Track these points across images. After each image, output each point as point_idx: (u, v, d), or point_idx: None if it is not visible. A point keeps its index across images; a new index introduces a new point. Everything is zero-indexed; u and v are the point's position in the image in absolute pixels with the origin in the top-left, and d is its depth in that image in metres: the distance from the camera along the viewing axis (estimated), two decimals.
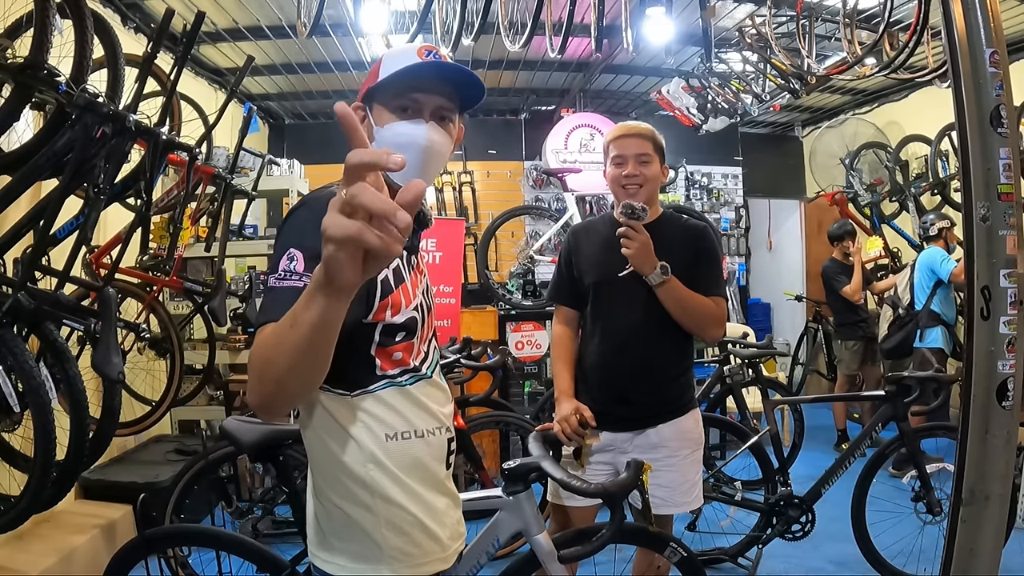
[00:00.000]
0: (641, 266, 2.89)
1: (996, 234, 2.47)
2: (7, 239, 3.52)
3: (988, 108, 2.45)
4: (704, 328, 3.06)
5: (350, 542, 1.81)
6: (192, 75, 6.99)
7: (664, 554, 2.77)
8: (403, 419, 1.82)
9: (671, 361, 3.10)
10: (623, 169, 3.04)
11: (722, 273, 3.16)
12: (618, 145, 3.08)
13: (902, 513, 4.36)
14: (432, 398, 1.91)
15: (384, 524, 1.79)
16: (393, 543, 1.79)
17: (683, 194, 10.20)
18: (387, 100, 1.81)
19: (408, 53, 1.81)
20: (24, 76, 3.16)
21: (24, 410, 3.22)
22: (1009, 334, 2.49)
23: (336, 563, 1.82)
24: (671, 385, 3.10)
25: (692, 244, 3.08)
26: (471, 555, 2.58)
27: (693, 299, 2.95)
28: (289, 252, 1.62)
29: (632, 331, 3.03)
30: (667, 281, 2.89)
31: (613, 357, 3.06)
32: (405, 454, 1.81)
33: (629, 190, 3.03)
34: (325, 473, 1.81)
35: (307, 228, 1.59)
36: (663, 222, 3.12)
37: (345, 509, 1.79)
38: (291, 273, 1.59)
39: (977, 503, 2.58)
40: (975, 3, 2.46)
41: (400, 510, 1.80)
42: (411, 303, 1.85)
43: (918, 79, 5.54)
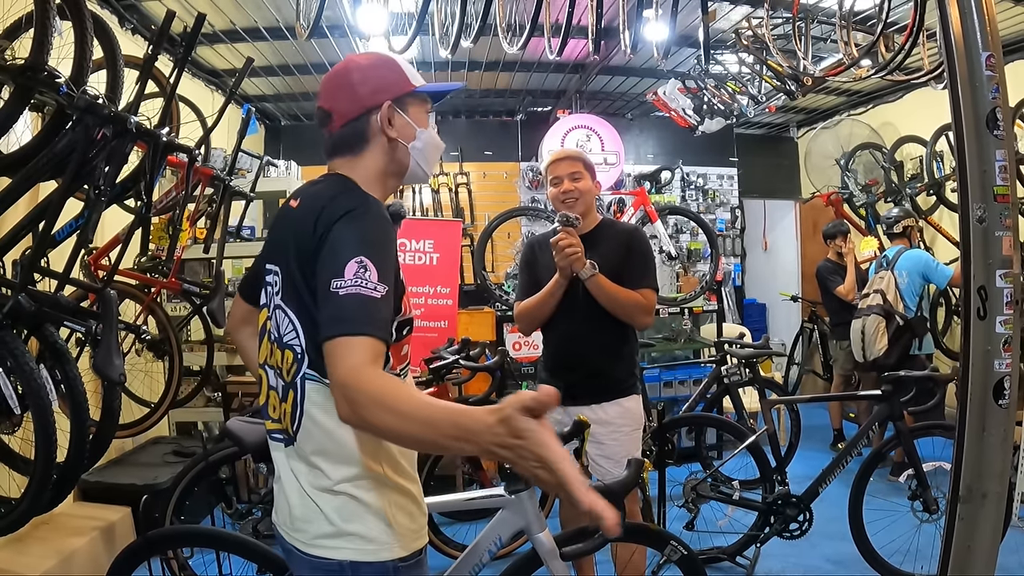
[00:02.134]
0: (576, 264, 3.37)
1: (992, 235, 2.50)
2: (7, 241, 3.52)
3: (984, 111, 2.47)
4: (633, 316, 3.56)
5: (362, 525, 1.89)
6: (189, 76, 6.99)
7: (664, 552, 2.79)
8: None
9: (612, 347, 3.62)
10: (560, 187, 3.62)
11: (652, 268, 3.65)
12: (553, 169, 3.66)
13: (899, 512, 4.38)
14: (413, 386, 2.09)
15: (393, 504, 1.91)
16: (400, 520, 1.92)
17: (679, 195, 10.21)
18: (422, 107, 2.07)
19: (414, 70, 2.08)
20: (24, 78, 3.15)
21: (24, 412, 3.21)
22: (1005, 333, 2.52)
23: (348, 548, 1.89)
24: (611, 368, 3.62)
25: (624, 244, 3.61)
26: (473, 553, 2.60)
27: (619, 291, 3.45)
28: (361, 260, 1.74)
29: (579, 323, 3.56)
30: (595, 276, 3.39)
31: (566, 344, 3.66)
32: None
33: (568, 203, 3.59)
34: (336, 462, 1.89)
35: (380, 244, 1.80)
36: (600, 228, 3.69)
37: (357, 494, 1.89)
38: (367, 281, 1.72)
39: (974, 501, 2.60)
40: (971, 7, 2.48)
41: (402, 490, 1.95)
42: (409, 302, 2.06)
43: (914, 81, 5.54)
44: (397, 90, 2.01)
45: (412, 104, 2.04)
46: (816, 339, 9.17)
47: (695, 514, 4.59)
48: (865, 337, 6.41)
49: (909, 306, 6.23)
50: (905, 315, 6.21)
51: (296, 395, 1.92)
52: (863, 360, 6.52)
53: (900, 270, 6.33)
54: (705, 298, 7.50)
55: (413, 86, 2.03)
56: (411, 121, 2.02)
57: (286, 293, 1.93)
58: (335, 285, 1.72)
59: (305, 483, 1.93)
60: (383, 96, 1.99)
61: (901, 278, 6.30)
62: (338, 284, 1.72)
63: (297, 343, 1.90)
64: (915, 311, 6.23)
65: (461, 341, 5.21)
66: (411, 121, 2.02)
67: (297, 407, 1.92)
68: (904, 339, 6.21)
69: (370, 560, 1.89)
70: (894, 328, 6.25)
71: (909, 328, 6.21)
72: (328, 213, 1.84)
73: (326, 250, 1.80)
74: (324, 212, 1.84)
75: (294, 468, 1.96)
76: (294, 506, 1.95)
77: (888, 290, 6.32)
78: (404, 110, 2.02)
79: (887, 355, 6.24)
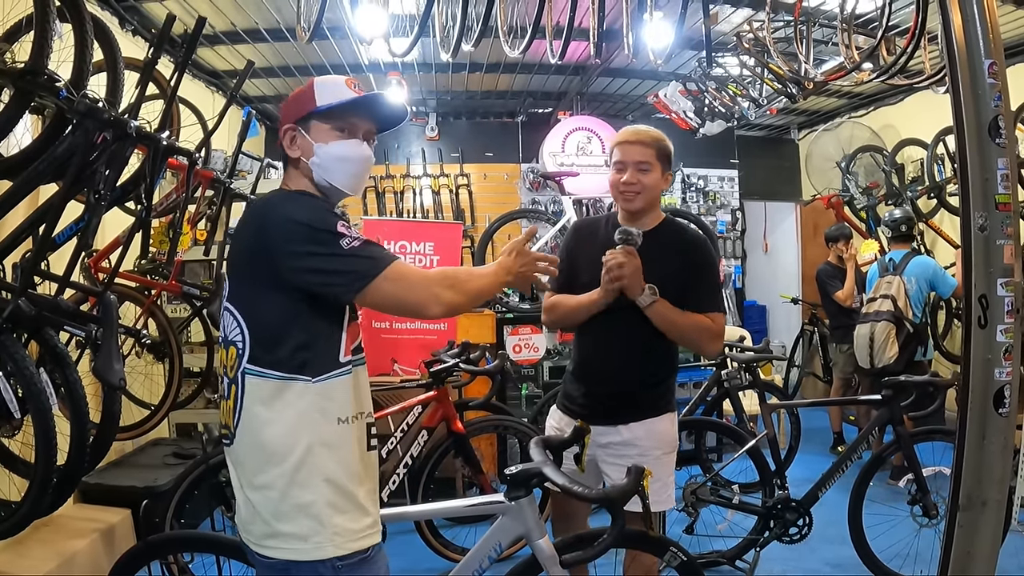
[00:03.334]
0: (630, 290, 2.96)
1: (994, 243, 2.50)
2: (7, 244, 3.52)
3: (987, 119, 2.47)
4: (700, 344, 3.22)
5: (293, 524, 1.98)
6: (189, 77, 6.98)
7: (664, 558, 2.79)
8: (354, 400, 2.10)
9: (653, 367, 3.19)
10: (622, 175, 3.11)
11: (719, 286, 3.27)
12: (621, 151, 3.15)
13: (898, 516, 4.38)
14: (366, 382, 2.22)
15: (327, 503, 1.98)
16: (336, 520, 1.99)
17: (679, 197, 10.20)
18: (325, 122, 2.16)
19: (340, 85, 2.19)
20: (24, 81, 3.15)
21: (24, 416, 3.22)
22: (1006, 342, 2.52)
23: (284, 548, 1.99)
24: (650, 389, 3.18)
25: (689, 255, 3.14)
26: (473, 559, 2.60)
27: (683, 318, 3.02)
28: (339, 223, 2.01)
29: (619, 333, 3.12)
30: (655, 303, 2.96)
31: (599, 354, 3.19)
32: (349, 436, 2.07)
33: (626, 196, 3.12)
34: (267, 461, 2.00)
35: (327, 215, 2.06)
36: (662, 229, 3.18)
37: (289, 493, 1.98)
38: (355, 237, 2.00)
39: (974, 508, 2.60)
40: (974, 14, 2.48)
41: (341, 490, 2.01)
42: None
43: (915, 85, 5.54)
44: (298, 113, 2.18)
45: (316, 123, 2.16)
46: (816, 341, 9.17)
47: (695, 518, 4.59)
48: (874, 344, 6.29)
49: (916, 313, 6.20)
50: (914, 322, 6.18)
51: (238, 390, 2.02)
52: (870, 367, 6.39)
53: (909, 276, 6.28)
54: None
55: (314, 106, 2.15)
56: (311, 139, 2.14)
57: (232, 294, 2.09)
58: (345, 244, 1.98)
59: (244, 482, 2.04)
60: (287, 120, 2.20)
61: (910, 284, 6.25)
62: (346, 243, 1.98)
63: (240, 339, 2.02)
64: (921, 318, 6.22)
65: (461, 344, 5.21)
66: (311, 139, 2.14)
67: (238, 402, 2.02)
68: (912, 346, 6.17)
69: (303, 559, 1.97)
70: (904, 335, 6.18)
71: (916, 335, 6.17)
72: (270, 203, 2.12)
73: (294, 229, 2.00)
74: (266, 204, 2.10)
75: (235, 467, 2.07)
76: (240, 505, 2.07)
77: (899, 296, 6.25)
78: (307, 130, 2.16)
79: (897, 362, 6.15)
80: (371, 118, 2.23)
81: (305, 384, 2.00)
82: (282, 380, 2.00)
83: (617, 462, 3.04)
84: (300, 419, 1.99)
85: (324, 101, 2.14)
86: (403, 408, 4.77)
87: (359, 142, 2.19)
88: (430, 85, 8.78)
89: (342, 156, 2.15)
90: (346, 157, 2.16)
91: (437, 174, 9.69)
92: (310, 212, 2.03)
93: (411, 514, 4.12)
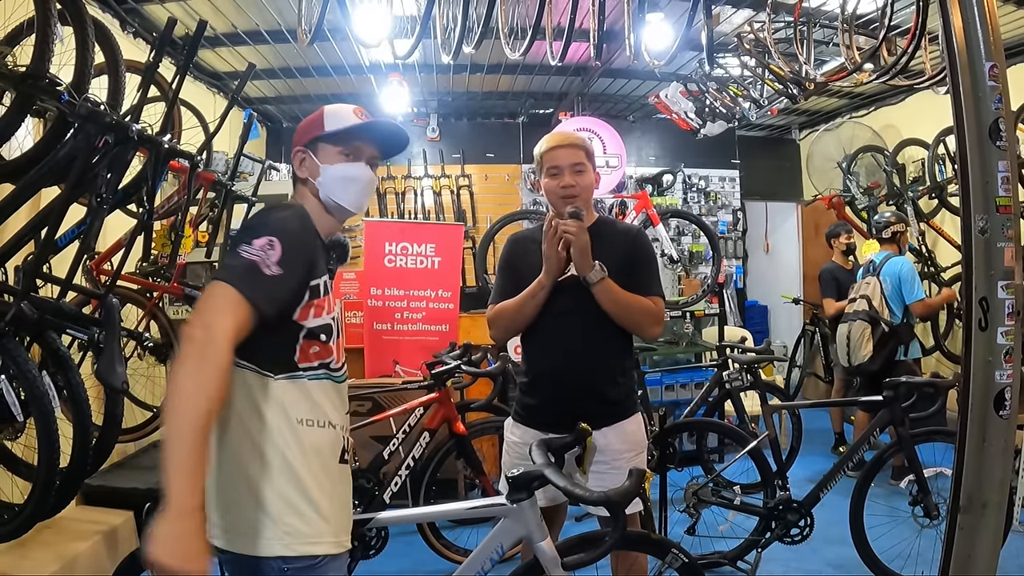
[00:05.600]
0: (581, 268, 2.99)
1: (994, 246, 2.50)
2: (9, 247, 3.53)
3: (987, 122, 2.48)
4: (642, 326, 3.15)
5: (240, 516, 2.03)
6: (190, 79, 6.99)
7: (665, 560, 2.79)
8: (316, 407, 2.13)
9: (613, 362, 3.18)
10: (560, 180, 3.15)
11: (658, 273, 3.27)
12: (551, 157, 3.20)
13: (900, 517, 4.39)
14: (340, 398, 2.25)
15: (280, 501, 2.02)
16: (287, 520, 2.02)
17: (681, 197, 10.22)
18: (333, 145, 2.28)
19: (347, 113, 2.31)
20: (26, 85, 3.16)
21: (27, 418, 3.23)
22: (1007, 344, 2.52)
23: (236, 541, 2.03)
24: (613, 387, 3.17)
25: (627, 246, 3.19)
26: (475, 561, 2.60)
27: (629, 298, 3.05)
28: (272, 240, 2.00)
29: (574, 334, 3.11)
30: (604, 279, 2.99)
31: (557, 360, 3.15)
32: (311, 439, 2.09)
33: (568, 200, 3.12)
34: (223, 452, 2.05)
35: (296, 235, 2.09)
36: (600, 227, 3.21)
37: (240, 486, 2.03)
38: (267, 256, 1.97)
39: (975, 510, 2.61)
40: (974, 16, 2.49)
41: (299, 489, 2.04)
42: (331, 312, 2.20)
43: (916, 85, 5.54)
44: (307, 137, 2.31)
45: (324, 146, 2.29)
46: (818, 342, 9.16)
47: (696, 519, 4.59)
48: (851, 343, 6.45)
49: (895, 312, 6.24)
50: (891, 321, 6.23)
51: None
52: (848, 365, 6.57)
53: (885, 276, 6.37)
54: (707, 301, 7.49)
55: (322, 131, 2.28)
56: (318, 161, 2.27)
57: None
58: (242, 248, 1.98)
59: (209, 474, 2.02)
60: (298, 143, 2.33)
61: (886, 284, 6.34)
62: (244, 248, 1.98)
63: None
64: (901, 317, 6.24)
65: (463, 346, 5.22)
66: (318, 161, 2.27)
67: None
68: (889, 345, 6.25)
69: (251, 554, 2.01)
70: (879, 334, 6.29)
71: (895, 334, 6.23)
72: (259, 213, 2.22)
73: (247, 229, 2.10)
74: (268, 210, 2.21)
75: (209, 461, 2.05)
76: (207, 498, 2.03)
77: (874, 296, 6.38)
78: (315, 153, 2.29)
79: (871, 361, 6.30)
80: (375, 144, 2.35)
81: (261, 379, 2.06)
82: (248, 371, 2.06)
83: (592, 469, 2.97)
84: (257, 409, 2.05)
85: (331, 127, 2.28)
86: (405, 410, 4.77)
87: (363, 165, 2.30)
88: (431, 86, 8.80)
89: (346, 176, 2.28)
90: (350, 177, 2.28)
91: (438, 175, 9.72)
92: (276, 222, 2.10)
93: (413, 516, 4.13)
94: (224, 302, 1.90)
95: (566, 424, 2.79)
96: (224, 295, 1.90)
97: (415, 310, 6.58)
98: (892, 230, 6.57)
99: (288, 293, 2.03)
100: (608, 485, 2.77)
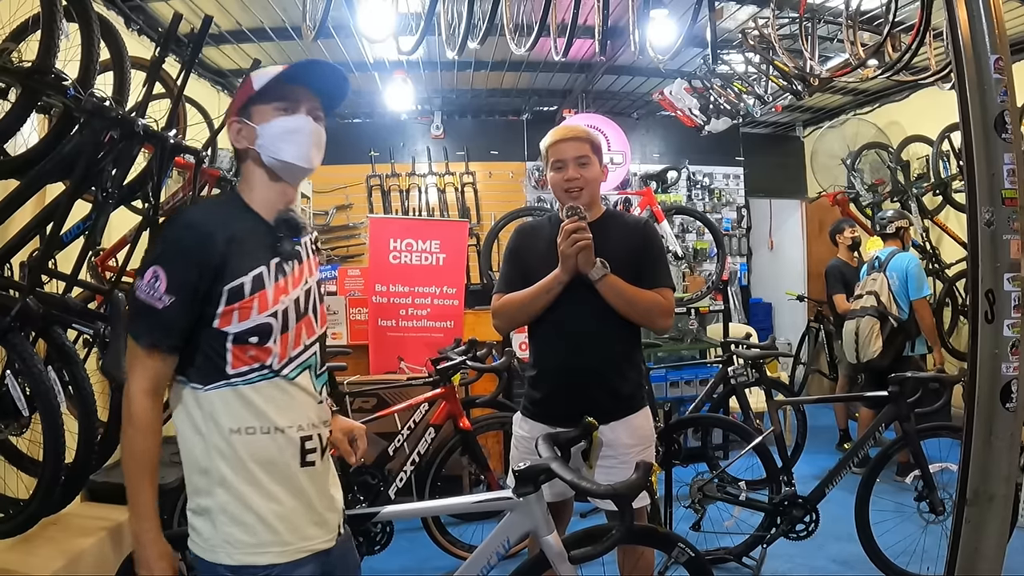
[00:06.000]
0: (583, 265, 2.98)
1: (1000, 238, 2.49)
2: (14, 243, 3.53)
3: (993, 114, 2.47)
4: (651, 319, 3.13)
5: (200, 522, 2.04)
6: (194, 77, 6.98)
7: (672, 554, 2.79)
8: (258, 414, 2.02)
9: (620, 356, 3.16)
10: (564, 173, 3.14)
11: (667, 264, 3.25)
12: (556, 150, 3.17)
13: (905, 513, 4.38)
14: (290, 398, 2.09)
15: (222, 511, 2.00)
16: (227, 530, 1.99)
17: (685, 194, 10.21)
18: (266, 103, 2.11)
19: (275, 69, 2.12)
20: (32, 80, 3.17)
21: (33, 414, 3.24)
22: (1013, 337, 2.52)
23: (194, 541, 2.05)
24: (623, 381, 3.16)
25: (634, 238, 3.17)
26: (481, 556, 2.60)
27: (635, 292, 3.04)
28: (155, 270, 1.96)
29: (581, 328, 3.10)
30: (607, 276, 2.98)
31: (565, 355, 3.14)
32: (251, 448, 2.01)
33: (572, 193, 3.12)
34: (185, 461, 2.07)
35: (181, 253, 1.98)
36: (606, 220, 3.21)
37: (196, 496, 2.04)
38: (154, 291, 1.94)
39: (981, 504, 2.60)
40: (979, 9, 2.48)
41: (242, 500, 2.01)
42: (266, 310, 2.04)
43: (920, 81, 5.53)
44: (239, 103, 2.14)
45: (257, 107, 2.11)
46: (822, 339, 9.17)
47: (701, 515, 4.58)
48: (859, 339, 6.47)
49: (903, 307, 6.25)
50: (899, 317, 6.24)
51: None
52: (856, 361, 6.58)
53: (892, 272, 6.39)
54: (711, 298, 7.49)
55: (253, 90, 2.10)
56: (253, 124, 2.10)
57: None
58: (135, 286, 1.97)
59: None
60: (230, 115, 2.16)
61: (893, 280, 6.35)
62: (137, 287, 1.97)
63: None
64: (908, 313, 6.25)
65: (468, 342, 5.22)
66: (253, 124, 2.10)
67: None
68: (898, 341, 6.27)
69: (203, 557, 2.03)
70: (888, 330, 6.31)
71: (903, 330, 6.25)
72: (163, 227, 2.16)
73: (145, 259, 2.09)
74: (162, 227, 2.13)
75: None
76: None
77: (881, 292, 6.39)
78: (249, 117, 2.12)
79: (881, 357, 6.32)
80: (311, 90, 2.16)
81: (193, 393, 2.03)
82: (177, 384, 2.06)
83: (600, 463, 2.98)
84: (194, 424, 2.03)
85: (260, 84, 2.10)
86: (410, 405, 4.77)
87: (303, 116, 2.12)
88: (435, 84, 8.80)
89: (286, 129, 2.10)
90: (290, 129, 2.11)
91: (442, 172, 9.71)
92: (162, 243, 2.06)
93: (419, 510, 4.13)
94: (132, 360, 1.99)
95: (575, 418, 2.78)
96: (131, 352, 1.99)
97: (420, 307, 6.58)
98: (895, 226, 6.57)
99: (190, 315, 1.97)
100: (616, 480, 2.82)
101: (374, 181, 9.56)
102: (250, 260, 2.03)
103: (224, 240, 1.99)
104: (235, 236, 2.02)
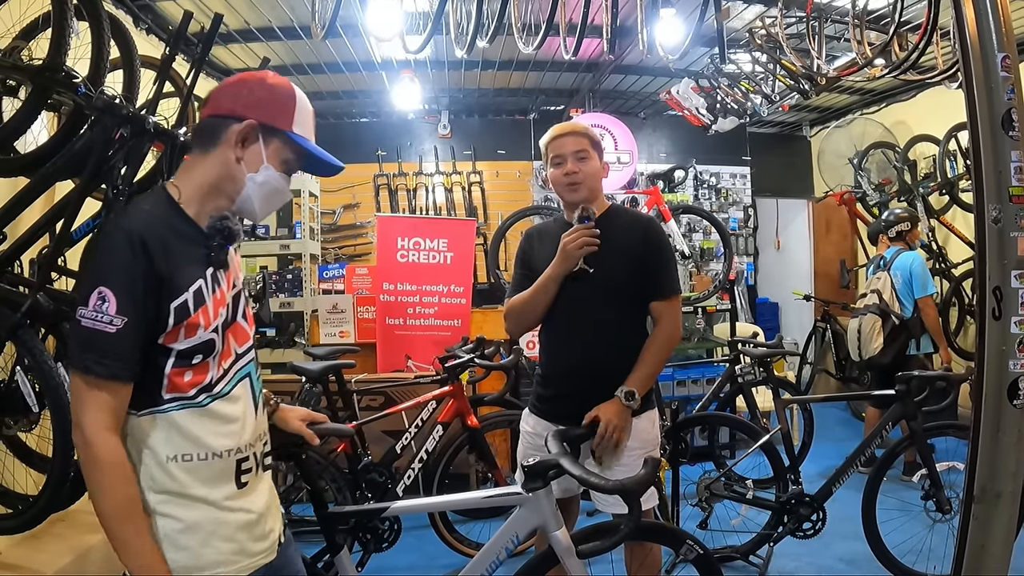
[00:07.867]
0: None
1: (1007, 236, 2.50)
2: (25, 240, 3.54)
3: (1000, 112, 2.48)
4: (671, 351, 3.24)
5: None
6: (203, 76, 6.99)
7: (680, 551, 2.79)
8: (191, 441, 1.90)
9: (628, 355, 3.13)
10: (563, 168, 3.13)
11: (675, 268, 3.25)
12: (555, 146, 3.17)
13: (912, 512, 4.38)
14: (223, 418, 1.96)
15: (162, 537, 1.87)
16: (171, 555, 1.86)
17: (692, 194, 10.21)
18: (284, 146, 2.00)
19: (310, 119, 2.07)
20: (43, 78, 3.18)
21: (42, 410, 3.25)
22: (1020, 334, 2.52)
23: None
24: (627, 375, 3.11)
25: (639, 236, 3.14)
26: (490, 551, 2.61)
27: (654, 362, 3.12)
28: (101, 291, 1.76)
29: (588, 327, 3.10)
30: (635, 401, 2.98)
31: (573, 352, 3.14)
32: (188, 477, 1.89)
33: (572, 187, 3.12)
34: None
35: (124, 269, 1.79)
36: (612, 215, 3.20)
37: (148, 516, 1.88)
38: (101, 314, 1.75)
39: (988, 501, 2.61)
40: (987, 7, 2.49)
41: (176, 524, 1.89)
42: (210, 325, 1.91)
43: (927, 80, 5.53)
44: (271, 119, 1.98)
45: (276, 143, 1.99)
46: (829, 338, 9.16)
47: (708, 513, 4.59)
48: (861, 336, 6.50)
49: (906, 306, 6.25)
50: (901, 315, 6.24)
51: None
52: (859, 359, 6.62)
53: (895, 271, 6.39)
54: (718, 297, 7.50)
55: (290, 129, 1.99)
56: (264, 154, 1.97)
57: None
58: (78, 312, 1.77)
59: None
60: (254, 113, 1.96)
61: (896, 279, 6.36)
62: (80, 312, 1.77)
63: None
64: (912, 311, 6.24)
65: (476, 340, 5.23)
66: (264, 154, 1.97)
67: None
68: (900, 339, 6.28)
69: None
70: (890, 328, 6.32)
71: (905, 328, 6.26)
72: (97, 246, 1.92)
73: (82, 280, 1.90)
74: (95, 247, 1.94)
75: None
76: None
77: (884, 290, 6.40)
78: (266, 142, 1.98)
79: (882, 354, 6.35)
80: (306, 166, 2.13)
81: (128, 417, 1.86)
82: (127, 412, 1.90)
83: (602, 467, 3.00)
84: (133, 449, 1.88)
85: (300, 130, 2.02)
86: (417, 403, 4.78)
87: (287, 179, 2.05)
88: (443, 83, 8.81)
89: (277, 190, 2.02)
90: (278, 191, 2.03)
91: (449, 171, 9.73)
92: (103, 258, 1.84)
93: (428, 505, 4.13)
94: (82, 395, 1.77)
95: (582, 417, 2.83)
96: (77, 387, 1.77)
97: (427, 305, 6.61)
98: (896, 229, 6.56)
99: (145, 334, 1.81)
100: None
101: (381, 180, 9.58)
102: (188, 273, 1.89)
103: (164, 253, 1.83)
104: (173, 248, 1.86)
